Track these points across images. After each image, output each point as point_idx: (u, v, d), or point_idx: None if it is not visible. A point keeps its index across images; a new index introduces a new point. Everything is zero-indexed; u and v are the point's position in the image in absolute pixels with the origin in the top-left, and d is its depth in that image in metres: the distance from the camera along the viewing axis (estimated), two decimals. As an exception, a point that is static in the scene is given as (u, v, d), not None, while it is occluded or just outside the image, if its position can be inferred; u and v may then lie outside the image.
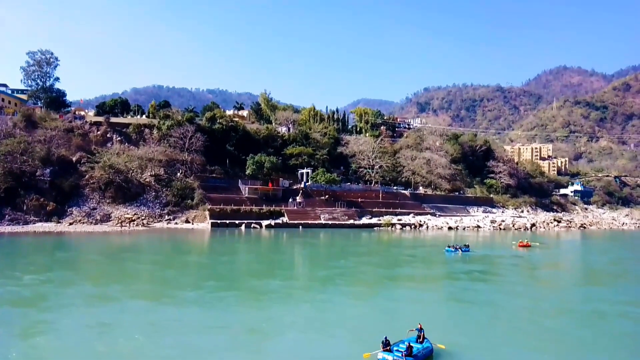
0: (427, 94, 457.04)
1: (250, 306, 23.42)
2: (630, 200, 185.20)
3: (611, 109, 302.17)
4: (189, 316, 20.89)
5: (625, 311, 23.33)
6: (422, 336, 16.54)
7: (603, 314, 23.03)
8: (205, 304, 23.63)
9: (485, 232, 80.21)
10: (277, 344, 17.61)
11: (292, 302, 24.64)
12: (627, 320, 21.75)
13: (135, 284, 28.63)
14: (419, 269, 38.22)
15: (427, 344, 16.19)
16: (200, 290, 26.56)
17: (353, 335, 18.58)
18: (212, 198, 76.31)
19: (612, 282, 33.78)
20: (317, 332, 19.27)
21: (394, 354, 15.06)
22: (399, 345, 15.77)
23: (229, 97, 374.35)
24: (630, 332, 19.79)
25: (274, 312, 22.07)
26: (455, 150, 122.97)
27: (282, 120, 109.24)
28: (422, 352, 15.58)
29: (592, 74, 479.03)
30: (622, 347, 17.85)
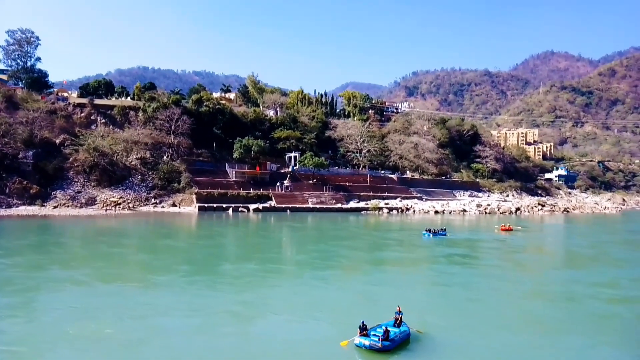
0: (416, 78, 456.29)
1: (223, 290, 23.21)
2: (612, 185, 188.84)
3: (596, 95, 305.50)
4: (158, 300, 20.55)
5: (598, 293, 23.86)
6: (400, 319, 16.37)
7: (578, 296, 23.53)
8: (176, 287, 23.27)
9: (471, 216, 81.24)
10: (250, 328, 17.45)
11: (267, 286, 24.36)
12: (599, 301, 22.25)
13: (108, 268, 27.90)
14: (400, 252, 38.31)
15: (404, 328, 16.05)
16: (174, 274, 26.20)
17: (330, 320, 18.46)
18: (199, 181, 75.85)
19: (589, 265, 34.30)
20: (292, 316, 19.10)
21: (370, 339, 14.87)
22: (376, 329, 15.57)
23: (216, 79, 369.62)
24: (601, 313, 20.27)
25: (247, 295, 21.91)
26: (442, 135, 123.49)
27: (269, 103, 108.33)
28: (399, 336, 15.45)
29: (579, 59, 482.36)
30: (594, 327, 18.28)
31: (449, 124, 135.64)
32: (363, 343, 14.80)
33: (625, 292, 24.55)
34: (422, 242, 43.28)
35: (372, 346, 14.62)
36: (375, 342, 14.62)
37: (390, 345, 14.80)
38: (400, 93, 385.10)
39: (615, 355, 15.44)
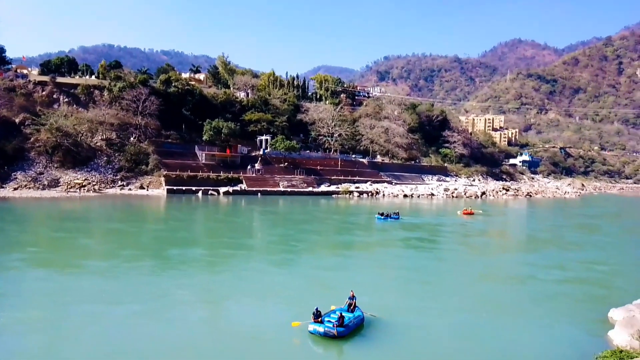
0: (387, 63, 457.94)
1: (166, 275, 22.40)
2: (572, 170, 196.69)
3: (560, 83, 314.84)
4: (94, 286, 19.88)
5: (550, 274, 25.01)
6: (354, 304, 16.18)
7: (531, 277, 24.57)
8: (116, 273, 22.47)
9: (439, 199, 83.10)
10: (192, 313, 16.98)
11: (214, 271, 23.83)
12: (551, 282, 23.33)
13: (44, 253, 26.79)
14: (358, 236, 38.30)
15: (358, 313, 15.86)
16: (116, 259, 25.29)
17: (281, 305, 18.18)
18: (167, 164, 74.43)
19: (543, 248, 35.52)
20: (240, 301, 18.78)
21: (325, 325, 14.57)
22: (330, 315, 15.32)
23: (185, 59, 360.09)
24: (552, 294, 21.27)
25: (192, 281, 21.45)
26: (412, 120, 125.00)
27: (240, 85, 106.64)
28: (354, 322, 15.27)
29: (545, 47, 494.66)
30: (546, 307, 19.16)
31: (419, 109, 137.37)
32: (317, 330, 14.54)
33: (575, 273, 25.82)
34: (378, 226, 43.19)
35: (326, 333, 14.39)
36: (330, 328, 14.39)
37: (345, 331, 14.64)
38: (372, 77, 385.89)
39: (567, 332, 16.43)
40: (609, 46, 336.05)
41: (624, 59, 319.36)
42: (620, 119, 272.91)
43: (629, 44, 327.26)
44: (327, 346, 14.24)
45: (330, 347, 14.22)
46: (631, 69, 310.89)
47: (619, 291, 21.35)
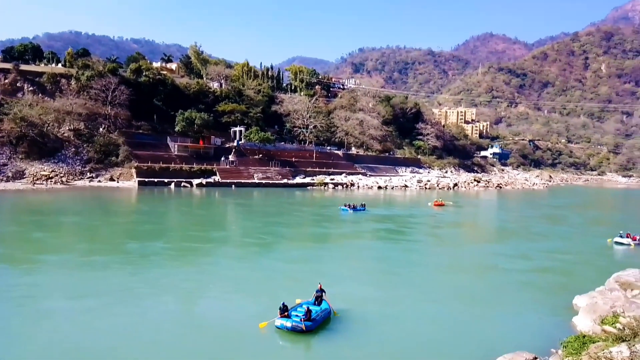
0: (362, 55, 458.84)
1: (124, 269, 21.58)
2: (541, 162, 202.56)
3: (530, 77, 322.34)
4: (44, 281, 19.23)
5: (515, 264, 25.66)
6: (321, 297, 15.93)
7: (496, 267, 25.10)
8: (68, 267, 21.55)
9: (412, 191, 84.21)
10: (151, 308, 16.23)
11: (175, 265, 22.97)
12: (516, 272, 23.94)
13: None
14: (327, 228, 37.82)
15: (325, 306, 15.60)
16: (69, 254, 24.21)
17: (246, 299, 17.67)
18: (139, 155, 72.80)
19: (508, 238, 36.31)
20: (204, 295, 18.28)
21: (292, 320, 14.24)
22: (297, 309, 15.01)
23: (156, 48, 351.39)
24: (517, 283, 21.88)
25: (152, 274, 20.69)
26: (387, 112, 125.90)
27: (213, 75, 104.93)
28: (321, 315, 14.96)
29: (515, 41, 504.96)
30: (513, 296, 19.72)
31: (393, 101, 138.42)
32: (284, 325, 14.20)
33: (540, 263, 26.48)
34: (346, 217, 42.85)
35: (294, 327, 14.08)
36: (298, 322, 14.09)
37: (313, 325, 14.33)
38: (347, 69, 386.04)
39: (535, 319, 16.93)
40: (576, 41, 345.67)
41: (590, 54, 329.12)
42: (586, 113, 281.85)
43: (594, 39, 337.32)
44: (295, 341, 13.94)
45: (298, 342, 13.94)
46: (596, 64, 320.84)
47: (582, 279, 22.09)
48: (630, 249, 31.19)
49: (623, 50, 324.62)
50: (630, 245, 31.74)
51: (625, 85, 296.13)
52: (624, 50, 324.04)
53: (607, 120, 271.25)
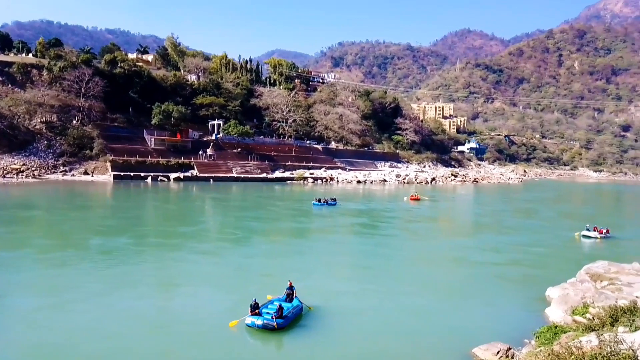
0: (342, 49, 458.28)
1: (81, 266, 20.71)
2: (516, 157, 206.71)
3: (506, 73, 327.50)
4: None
5: (486, 257, 26.14)
6: (293, 294, 15.68)
7: (469, 261, 25.45)
8: (21, 264, 20.67)
9: (391, 185, 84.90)
10: (110, 307, 15.53)
11: (138, 261, 22.24)
12: (487, 265, 24.43)
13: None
14: (300, 223, 37.47)
15: (297, 302, 15.33)
16: (24, 250, 23.28)
17: (214, 297, 17.24)
18: (114, 148, 71.31)
19: (482, 232, 36.89)
20: (169, 293, 17.64)
21: (263, 317, 13.89)
22: (268, 306, 14.72)
23: (132, 39, 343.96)
24: (491, 275, 22.32)
25: (112, 271, 20.00)
26: (366, 107, 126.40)
27: (191, 67, 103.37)
28: (293, 312, 14.68)
29: (492, 38, 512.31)
30: (483, 288, 20.11)
31: (373, 96, 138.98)
32: (255, 323, 13.80)
33: (514, 256, 27.13)
34: (318, 212, 42.57)
35: (265, 325, 13.72)
36: (269, 320, 13.74)
37: (285, 322, 14.04)
38: (326, 63, 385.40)
39: (509, 310, 17.37)
40: (550, 39, 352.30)
41: (563, 51, 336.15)
42: (559, 109, 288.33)
43: (568, 37, 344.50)
44: (267, 339, 13.61)
45: (269, 339, 13.60)
46: (570, 61, 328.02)
47: (554, 271, 22.67)
48: (597, 242, 32.15)
49: (595, 48, 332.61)
50: (597, 239, 32.70)
51: (597, 82, 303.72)
52: (596, 48, 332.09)
53: (580, 116, 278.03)
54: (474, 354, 12.38)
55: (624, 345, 8.24)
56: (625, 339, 8.70)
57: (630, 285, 18.07)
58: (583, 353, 8.11)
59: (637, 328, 11.48)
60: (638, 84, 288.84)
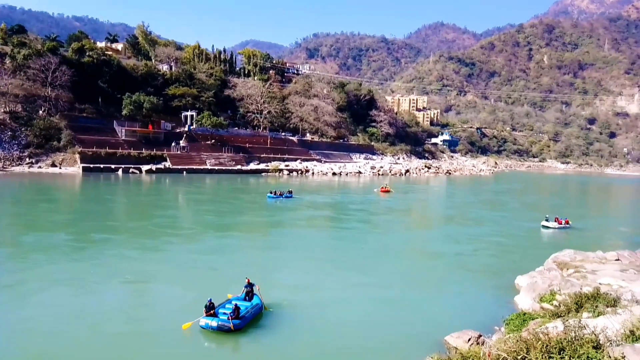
0: (317, 40, 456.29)
1: (8, 264, 19.44)
2: (487, 149, 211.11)
3: (478, 66, 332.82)
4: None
5: (457, 248, 26.65)
6: (251, 292, 14.95)
7: (438, 252, 25.92)
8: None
9: (366, 177, 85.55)
10: (43, 308, 14.48)
11: (75, 258, 20.75)
12: (459, 256, 24.95)
13: None
14: (261, 216, 36.35)
15: (256, 301, 14.61)
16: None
17: (167, 299, 15.96)
18: (83, 140, 69.27)
19: (448, 224, 37.25)
20: (112, 293, 16.43)
21: (218, 319, 13.07)
22: (225, 306, 13.87)
23: (101, 27, 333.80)
24: (461, 266, 22.70)
25: (43, 270, 18.66)
26: (341, 99, 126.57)
27: (163, 57, 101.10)
28: (251, 312, 13.90)
29: (465, 31, 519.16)
30: (454, 278, 20.50)
31: (348, 88, 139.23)
32: (210, 324, 12.96)
33: (481, 246, 27.77)
34: (273, 205, 41.40)
35: (220, 327, 12.89)
36: (225, 321, 12.92)
37: (242, 323, 13.24)
38: (301, 54, 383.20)
39: (479, 299, 17.84)
40: (520, 33, 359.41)
41: (533, 45, 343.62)
42: (529, 102, 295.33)
43: (537, 31, 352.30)
44: (222, 342, 12.80)
45: (225, 342, 12.82)
46: (539, 55, 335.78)
47: (523, 260, 23.41)
48: (559, 232, 33.12)
49: (563, 43, 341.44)
50: (555, 229, 33.63)
51: (565, 76, 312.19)
52: (564, 43, 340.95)
53: (548, 109, 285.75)
54: (447, 341, 12.67)
55: (587, 330, 8.60)
56: (589, 324, 9.08)
57: (595, 273, 18.83)
58: (549, 339, 8.42)
59: (600, 313, 12.01)
60: (603, 79, 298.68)
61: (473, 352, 9.59)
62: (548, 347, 8.18)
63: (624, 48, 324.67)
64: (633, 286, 15.93)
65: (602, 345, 8.23)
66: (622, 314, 10.34)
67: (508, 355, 8.50)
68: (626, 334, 8.76)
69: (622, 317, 9.82)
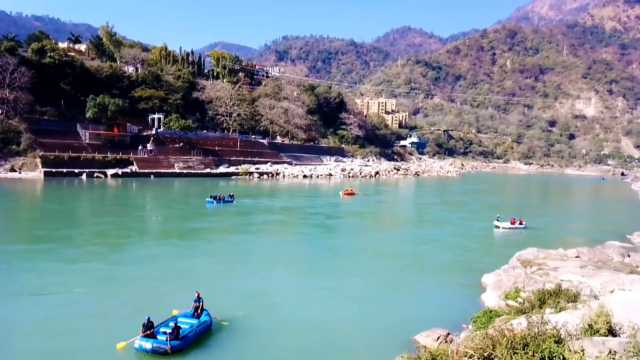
0: (286, 43, 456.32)
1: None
2: (454, 151, 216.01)
3: (444, 70, 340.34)
4: None
5: (422, 250, 27.29)
6: (201, 307, 13.59)
7: (402, 253, 26.15)
8: None
9: (337, 179, 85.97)
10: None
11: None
12: (424, 256, 25.43)
13: None
14: (208, 222, 34.62)
15: (205, 318, 13.34)
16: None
17: (101, 316, 14.31)
18: (45, 143, 66.76)
19: (409, 226, 37.64)
20: (31, 308, 14.81)
21: (154, 340, 11.77)
22: (169, 324, 12.41)
23: (62, 27, 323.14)
24: (428, 266, 23.20)
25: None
26: (311, 101, 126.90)
27: (128, 58, 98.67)
28: (196, 330, 12.61)
29: (431, 36, 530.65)
30: (422, 278, 20.95)
31: (318, 90, 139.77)
32: (144, 346, 11.58)
33: (447, 246, 28.45)
34: (211, 210, 39.65)
35: (156, 349, 11.54)
36: (162, 342, 11.59)
37: (182, 344, 11.91)
38: (271, 57, 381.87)
39: (448, 297, 18.25)
40: (484, 38, 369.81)
41: (497, 50, 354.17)
42: (493, 105, 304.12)
43: (500, 37, 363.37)
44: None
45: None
46: (502, 59, 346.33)
47: (489, 259, 24.09)
48: (522, 231, 34.05)
49: (524, 47, 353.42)
50: (506, 229, 34.27)
51: (527, 80, 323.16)
52: (525, 48, 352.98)
53: (511, 112, 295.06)
54: (416, 340, 12.91)
55: (549, 326, 8.97)
56: (551, 319, 9.47)
57: (556, 270, 19.59)
58: (514, 335, 8.74)
59: (562, 309, 12.53)
60: (562, 83, 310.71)
61: (442, 350, 9.83)
62: (513, 343, 8.49)
63: (581, 53, 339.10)
64: (591, 282, 16.68)
65: (563, 340, 8.61)
66: (582, 309, 10.83)
67: (475, 352, 8.76)
68: (585, 327, 9.19)
69: (581, 312, 10.28)
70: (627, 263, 22.34)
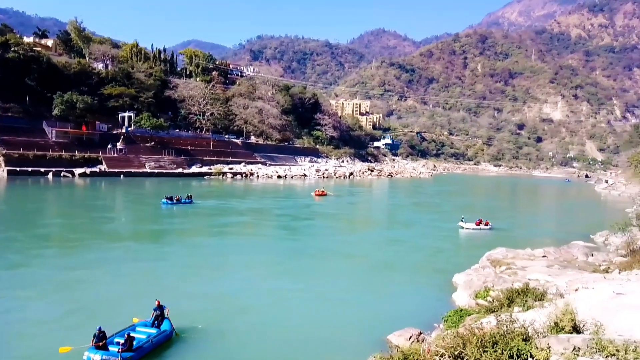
0: (261, 42, 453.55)
1: None
2: (426, 153, 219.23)
3: (417, 72, 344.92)
4: None
5: (390, 251, 27.36)
6: (162, 316, 13.08)
7: (371, 255, 26.20)
8: None
9: (311, 180, 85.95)
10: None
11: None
12: (393, 257, 25.71)
13: None
14: (171, 224, 33.56)
15: (165, 327, 12.82)
16: None
17: (48, 324, 13.66)
18: (8, 141, 64.30)
19: (379, 227, 37.82)
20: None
21: (104, 352, 11.05)
22: (125, 335, 11.77)
23: (28, 20, 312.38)
24: (398, 266, 23.49)
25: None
26: (286, 102, 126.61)
27: (98, 55, 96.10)
28: (152, 341, 11.98)
29: (405, 39, 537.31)
30: (393, 278, 21.27)
31: (292, 91, 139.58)
32: (92, 358, 10.91)
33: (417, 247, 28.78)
34: (167, 212, 38.31)
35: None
36: (112, 354, 10.98)
37: (135, 356, 11.35)
38: (245, 56, 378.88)
39: (420, 297, 18.48)
40: (457, 42, 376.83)
41: (468, 54, 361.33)
42: (464, 108, 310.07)
43: (472, 41, 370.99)
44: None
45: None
46: (473, 63, 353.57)
47: (460, 259, 24.52)
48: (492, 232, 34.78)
49: (495, 52, 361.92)
50: (471, 230, 34.87)
51: (497, 84, 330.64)
52: (496, 53, 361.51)
53: (482, 115, 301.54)
54: (389, 340, 13.02)
55: (517, 324, 9.18)
56: (519, 318, 9.70)
57: (524, 269, 20.12)
58: (484, 333, 8.91)
59: (529, 307, 12.87)
60: (531, 87, 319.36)
61: (414, 350, 9.92)
62: (482, 341, 8.65)
63: (548, 59, 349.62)
64: (557, 281, 17.21)
65: (531, 338, 8.83)
66: (548, 307, 11.15)
67: (446, 351, 8.89)
68: (551, 325, 9.45)
69: (548, 310, 10.58)
70: (590, 262, 23.16)
